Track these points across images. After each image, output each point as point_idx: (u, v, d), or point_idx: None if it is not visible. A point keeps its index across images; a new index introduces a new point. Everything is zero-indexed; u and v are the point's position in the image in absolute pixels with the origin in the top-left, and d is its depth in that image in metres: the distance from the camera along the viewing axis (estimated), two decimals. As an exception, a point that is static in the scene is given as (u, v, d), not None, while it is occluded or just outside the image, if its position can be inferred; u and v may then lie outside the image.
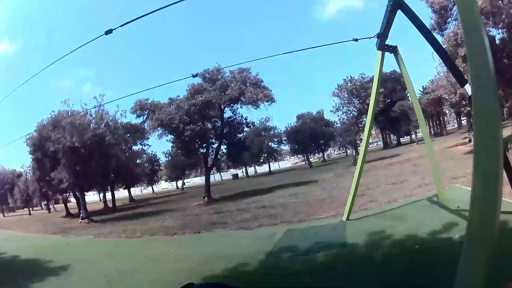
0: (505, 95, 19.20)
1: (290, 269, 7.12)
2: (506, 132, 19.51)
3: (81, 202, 24.59)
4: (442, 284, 2.03)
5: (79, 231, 18.34)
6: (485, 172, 2.28)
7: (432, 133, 59.56)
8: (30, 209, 38.45)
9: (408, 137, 64.26)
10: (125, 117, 28.38)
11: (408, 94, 27.29)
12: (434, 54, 9.08)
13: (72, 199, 31.78)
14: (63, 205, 33.37)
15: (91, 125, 24.65)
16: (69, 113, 24.24)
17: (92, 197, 41.72)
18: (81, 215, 23.15)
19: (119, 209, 30.76)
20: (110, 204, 33.35)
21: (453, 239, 6.69)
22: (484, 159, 2.30)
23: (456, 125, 58.09)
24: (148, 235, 13.84)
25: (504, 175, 7.24)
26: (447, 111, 57.13)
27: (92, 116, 25.27)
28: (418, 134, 51.35)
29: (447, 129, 57.76)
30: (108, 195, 35.40)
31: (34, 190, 29.91)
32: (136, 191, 53.60)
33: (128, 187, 41.51)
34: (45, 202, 38.06)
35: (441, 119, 60.67)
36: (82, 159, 23.19)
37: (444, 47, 19.86)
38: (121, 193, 44.07)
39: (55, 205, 40.47)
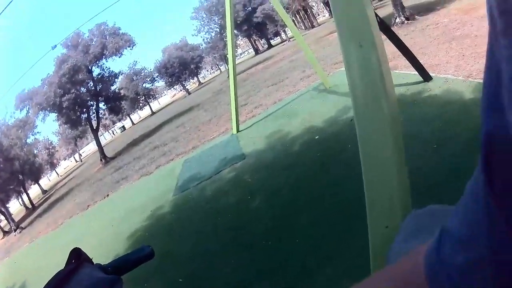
0: None
1: (200, 196, 6.87)
2: (386, 11, 20.37)
3: (7, 216, 24.88)
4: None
5: (16, 244, 17.81)
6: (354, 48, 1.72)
7: (303, 27, 61.50)
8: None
9: (278, 37, 65.86)
10: (14, 117, 30.13)
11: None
12: None
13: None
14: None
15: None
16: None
17: (14, 206, 38.60)
18: (13, 228, 23.23)
19: (38, 205, 30.39)
20: (30, 205, 32.75)
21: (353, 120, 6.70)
22: (345, 33, 1.74)
23: (327, 15, 59.76)
24: (67, 218, 13.98)
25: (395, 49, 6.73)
26: (314, 4, 58.83)
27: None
28: (288, 33, 52.43)
29: (318, 20, 59.66)
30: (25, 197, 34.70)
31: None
32: (45, 181, 52.86)
33: (36, 181, 39.45)
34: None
35: (309, 12, 62.19)
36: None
37: None
38: (34, 190, 43.18)
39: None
